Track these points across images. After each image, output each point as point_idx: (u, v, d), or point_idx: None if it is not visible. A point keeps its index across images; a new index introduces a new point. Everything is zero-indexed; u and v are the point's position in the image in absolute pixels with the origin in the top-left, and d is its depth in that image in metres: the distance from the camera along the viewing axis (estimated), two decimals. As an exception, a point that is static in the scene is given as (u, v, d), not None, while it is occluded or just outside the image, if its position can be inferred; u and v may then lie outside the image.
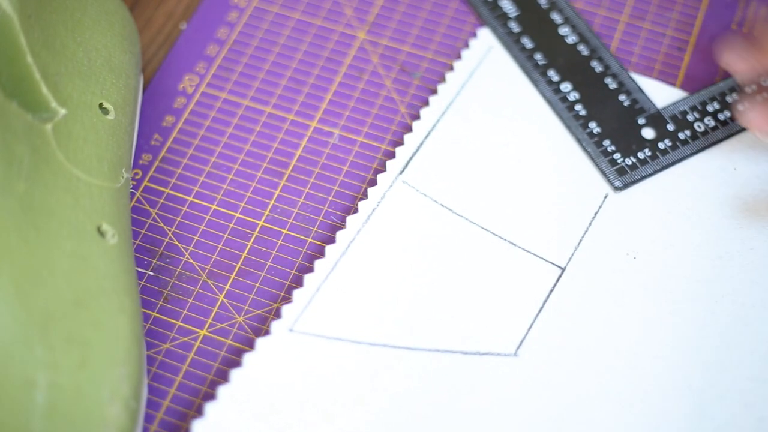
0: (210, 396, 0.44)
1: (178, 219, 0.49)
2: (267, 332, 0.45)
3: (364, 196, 0.49)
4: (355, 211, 0.48)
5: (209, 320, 0.46)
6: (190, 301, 0.47)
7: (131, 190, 0.49)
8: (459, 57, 0.53)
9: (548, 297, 0.46)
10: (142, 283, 0.47)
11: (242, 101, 0.52)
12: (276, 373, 0.44)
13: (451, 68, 0.53)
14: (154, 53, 0.54)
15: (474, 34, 0.54)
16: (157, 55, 0.54)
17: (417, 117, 0.51)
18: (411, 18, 0.55)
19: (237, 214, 0.49)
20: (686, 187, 0.49)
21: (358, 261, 0.47)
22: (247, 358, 0.44)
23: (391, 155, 0.50)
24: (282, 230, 0.48)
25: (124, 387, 0.41)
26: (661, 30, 0.54)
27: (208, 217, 0.49)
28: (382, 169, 0.50)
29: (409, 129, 0.51)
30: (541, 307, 0.46)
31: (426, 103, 0.52)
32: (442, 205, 0.48)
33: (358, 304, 0.45)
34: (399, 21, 0.55)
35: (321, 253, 0.47)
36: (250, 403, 0.43)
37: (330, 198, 0.49)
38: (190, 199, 0.49)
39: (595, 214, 0.48)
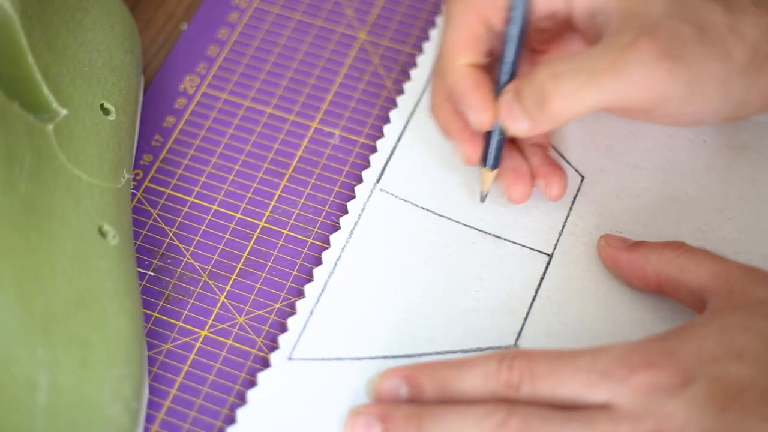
0: (210, 396, 0.44)
1: (179, 219, 0.49)
2: (267, 364, 0.45)
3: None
4: (338, 226, 0.48)
5: (210, 321, 0.46)
6: (191, 301, 0.47)
7: (132, 191, 0.49)
8: (422, 51, 0.53)
9: (540, 285, 0.46)
10: (143, 283, 0.47)
11: (243, 102, 0.52)
12: (281, 404, 0.43)
13: (415, 65, 0.53)
14: (154, 54, 0.54)
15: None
16: (158, 55, 0.54)
17: (388, 120, 0.51)
18: (412, 19, 0.55)
19: (238, 215, 0.49)
20: (660, 163, 0.49)
21: (348, 278, 0.46)
22: (252, 394, 0.43)
23: (392, 156, 0.50)
24: (283, 231, 0.48)
25: (125, 387, 0.41)
26: (662, 31, 0.55)
27: (208, 217, 0.49)
28: (382, 169, 0.50)
29: (410, 129, 0.51)
30: (534, 296, 0.46)
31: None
32: (423, 208, 0.48)
33: (353, 321, 0.45)
34: (399, 22, 0.55)
35: (322, 253, 0.47)
36: None
37: (331, 198, 0.49)
38: (191, 199, 0.49)
39: (574, 197, 0.48)
